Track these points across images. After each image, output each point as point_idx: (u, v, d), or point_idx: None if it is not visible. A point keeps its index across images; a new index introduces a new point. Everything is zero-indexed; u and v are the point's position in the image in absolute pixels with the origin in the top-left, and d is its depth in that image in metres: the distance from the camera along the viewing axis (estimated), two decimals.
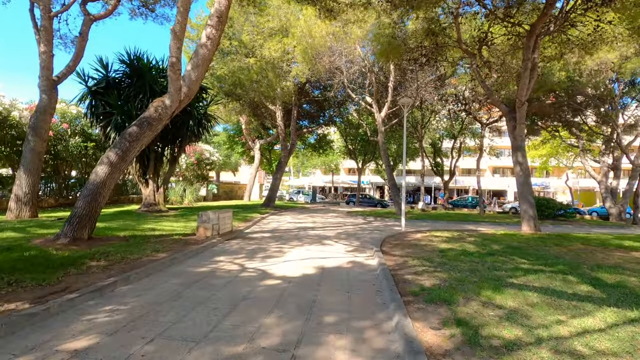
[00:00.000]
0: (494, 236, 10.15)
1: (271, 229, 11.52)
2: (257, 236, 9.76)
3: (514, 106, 12.45)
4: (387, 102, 20.04)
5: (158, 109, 7.69)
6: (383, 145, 20.19)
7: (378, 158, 39.13)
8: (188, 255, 6.57)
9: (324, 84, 25.32)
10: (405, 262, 6.40)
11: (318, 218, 16.82)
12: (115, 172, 7.19)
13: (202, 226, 8.53)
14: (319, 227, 12.70)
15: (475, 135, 31.35)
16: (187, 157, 27.23)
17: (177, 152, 17.14)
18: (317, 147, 35.35)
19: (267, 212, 18.36)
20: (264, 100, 20.12)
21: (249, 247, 7.84)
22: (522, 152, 11.86)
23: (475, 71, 12.77)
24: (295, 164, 58.77)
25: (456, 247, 8.03)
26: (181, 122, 16.02)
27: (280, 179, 22.37)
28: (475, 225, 15.88)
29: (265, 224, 13.20)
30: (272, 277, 5.30)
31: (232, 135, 36.81)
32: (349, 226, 13.35)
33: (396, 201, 19.67)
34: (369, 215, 18.71)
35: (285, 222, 14.42)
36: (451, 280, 5.05)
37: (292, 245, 8.35)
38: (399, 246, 8.20)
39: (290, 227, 12.25)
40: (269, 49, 16.92)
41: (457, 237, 9.65)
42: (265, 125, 30.13)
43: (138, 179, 16.39)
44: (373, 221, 16.06)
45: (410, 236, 10.01)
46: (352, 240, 9.50)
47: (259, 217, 14.98)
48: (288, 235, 10.16)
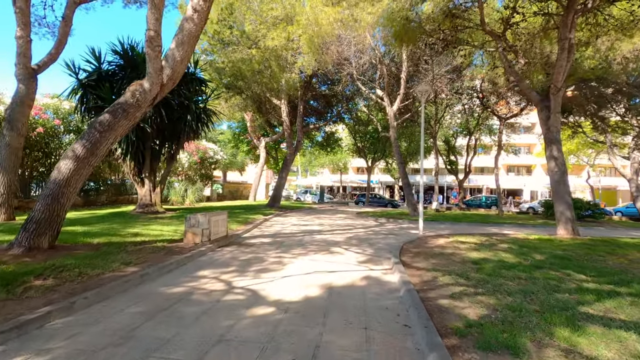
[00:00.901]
0: (529, 242, 8.76)
1: (273, 233, 10.30)
2: (255, 242, 8.54)
3: (546, 94, 11.01)
4: (399, 95, 18.67)
5: (135, 94, 6.52)
6: (395, 142, 18.83)
7: (388, 156, 37.70)
8: (166, 269, 5.37)
9: (331, 78, 24.07)
10: (434, 278, 5.10)
11: (325, 220, 15.56)
12: (83, 168, 6.02)
13: (190, 231, 7.34)
14: (327, 230, 11.44)
15: (492, 131, 29.73)
16: (189, 156, 26.25)
17: (175, 149, 16.05)
18: (325, 145, 34.08)
19: (271, 213, 17.16)
20: (268, 94, 18.93)
21: (243, 257, 6.61)
22: (558, 145, 10.42)
23: (501, 55, 11.35)
24: (302, 163, 57.60)
25: (490, 256, 6.69)
26: (178, 117, 14.93)
27: (285, 178, 21.18)
28: (499, 227, 14.43)
29: (267, 227, 11.99)
30: (263, 303, 4.05)
31: (238, 134, 35.76)
32: (359, 229, 12.06)
33: (410, 201, 18.31)
34: (381, 217, 17.38)
35: (290, 224, 13.19)
36: (503, 308, 3.75)
37: (294, 253, 7.10)
38: (421, 255, 6.89)
39: (294, 231, 11.01)
40: (272, 38, 15.71)
41: (486, 244, 8.29)
42: (271, 122, 28.98)
43: (133, 178, 15.34)
44: (386, 223, 14.73)
45: (431, 242, 8.68)
46: (364, 246, 8.22)
47: (261, 219, 13.78)
48: (291, 240, 8.92)
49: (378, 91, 19.58)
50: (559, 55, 9.93)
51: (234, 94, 17.77)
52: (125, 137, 13.96)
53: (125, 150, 14.26)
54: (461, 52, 13.34)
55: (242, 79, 15.73)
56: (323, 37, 16.44)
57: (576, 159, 38.24)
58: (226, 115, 25.17)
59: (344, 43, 17.42)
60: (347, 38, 17.18)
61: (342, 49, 17.93)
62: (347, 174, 57.84)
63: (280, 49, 14.69)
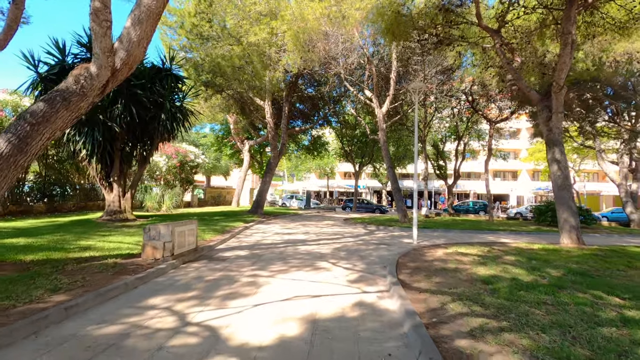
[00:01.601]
0: (535, 253, 7.93)
1: (251, 244, 9.19)
2: (229, 255, 7.42)
3: (545, 93, 10.33)
4: (388, 96, 17.88)
5: (80, 79, 5.38)
6: (384, 145, 18.00)
7: (376, 161, 36.99)
8: (106, 297, 4.23)
9: (318, 79, 23.27)
10: (442, 305, 4.12)
11: (311, 227, 14.51)
12: (6, 169, 4.83)
13: (150, 245, 6.19)
14: (312, 240, 10.39)
15: (480, 136, 29.38)
16: (168, 159, 24.84)
17: (148, 151, 14.77)
18: (312, 149, 33.14)
19: (253, 220, 16.01)
20: (251, 94, 17.86)
21: (210, 276, 5.51)
22: (560, 147, 9.71)
23: (499, 52, 10.64)
24: (289, 168, 56.47)
25: (500, 272, 5.79)
26: (151, 116, 13.72)
27: (269, 183, 20.06)
28: (495, 235, 13.68)
29: (247, 237, 10.86)
30: (223, 350, 2.98)
31: (221, 137, 34.42)
32: (348, 238, 11.06)
33: (400, 207, 17.46)
34: (370, 223, 16.44)
35: (272, 233, 12.09)
36: (544, 354, 2.79)
37: (273, 270, 6.03)
38: (421, 272, 5.93)
39: (276, 241, 9.93)
40: (254, 33, 14.70)
41: (491, 256, 7.41)
42: (255, 124, 27.88)
43: (100, 182, 13.98)
44: (376, 231, 13.80)
45: (429, 254, 7.74)
46: (354, 260, 7.21)
47: (241, 227, 12.64)
48: (271, 253, 7.84)
49: (367, 92, 18.78)
50: (562, 51, 9.24)
51: (214, 92, 16.61)
52: (91, 137, 12.68)
53: (90, 151, 12.93)
54: (456, 48, 12.62)
55: (221, 76, 14.62)
56: (309, 34, 15.53)
57: None
58: (206, 116, 23.96)
59: (331, 40, 16.56)
60: (335, 35, 16.32)
61: (330, 47, 17.06)
62: (334, 179, 57.03)
63: (264, 44, 13.68)
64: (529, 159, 41.50)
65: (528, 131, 50.53)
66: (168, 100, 13.78)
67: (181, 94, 14.91)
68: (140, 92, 13.08)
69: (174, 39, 17.72)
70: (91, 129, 12.62)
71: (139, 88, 13.14)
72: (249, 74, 13.45)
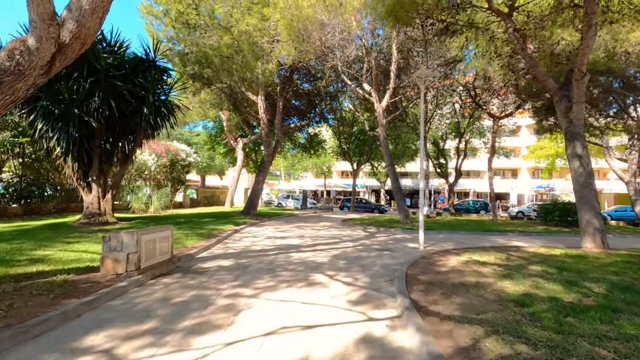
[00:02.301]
0: (561, 260, 6.95)
1: (238, 251, 8.15)
2: (210, 267, 6.39)
3: (564, 82, 9.37)
4: (388, 90, 16.89)
5: (14, 54, 4.31)
6: (384, 141, 17.01)
7: (374, 159, 36.00)
8: (29, 334, 3.19)
9: (314, 73, 22.25)
10: (475, 342, 3.12)
11: (307, 230, 13.49)
12: None
13: (110, 257, 5.15)
14: (307, 245, 9.37)
15: (482, 133, 28.47)
16: (158, 158, 23.74)
17: (131, 148, 13.70)
18: (308, 147, 32.07)
19: (245, 222, 14.98)
20: (243, 88, 16.79)
21: (179, 298, 4.47)
22: (582, 141, 8.75)
23: (512, 37, 9.65)
24: (285, 167, 55.39)
25: (531, 288, 4.80)
26: (133, 110, 12.66)
27: (263, 182, 19.02)
28: (504, 237, 12.74)
29: (235, 242, 9.82)
30: None
31: (214, 135, 33.30)
32: (347, 242, 10.05)
33: (401, 207, 16.48)
34: (370, 225, 15.44)
35: (264, 237, 11.06)
36: None
37: (258, 287, 5.01)
38: (436, 288, 4.93)
39: (267, 247, 8.90)
40: (246, 22, 13.64)
41: (511, 264, 6.43)
42: (249, 122, 26.80)
43: (77, 182, 12.90)
44: (376, 233, 12.80)
45: (441, 262, 6.75)
46: (355, 271, 6.20)
47: (230, 230, 11.60)
48: (259, 263, 6.81)
49: (365, 86, 17.77)
50: (585, 34, 8.28)
51: (202, 85, 15.50)
52: (65, 133, 11.59)
53: (65, 148, 11.85)
54: (464, 34, 11.63)
55: (209, 67, 13.54)
56: (304, 22, 14.49)
57: (564, 162, 37.65)
58: (197, 113, 22.84)
59: (328, 30, 15.53)
60: (331, 24, 15.30)
61: (326, 37, 16.04)
62: (332, 178, 56.02)
63: (254, 32, 12.61)
64: (530, 157, 40.67)
65: (528, 129, 49.80)
66: (151, 93, 12.72)
67: (167, 87, 13.86)
68: (120, 84, 12.01)
69: (160, 29, 16.59)
70: (65, 124, 11.52)
71: (119, 79, 12.08)
72: (238, 64, 12.40)
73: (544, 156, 36.48)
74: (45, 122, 11.52)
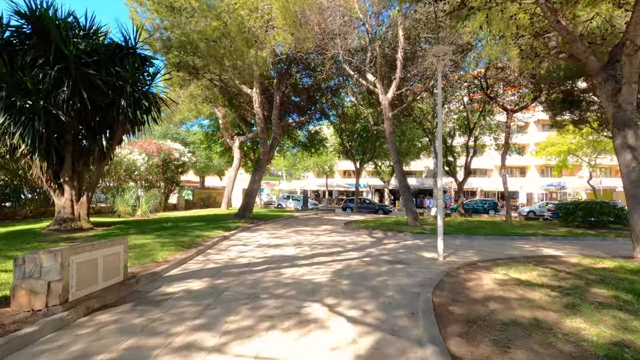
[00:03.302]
0: (627, 279, 5.46)
1: (219, 266, 6.70)
2: (174, 291, 4.94)
3: (609, 59, 7.87)
4: (395, 80, 15.40)
5: None
6: (390, 136, 15.52)
7: (377, 158, 34.51)
8: None
9: (313, 65, 20.83)
10: None
11: (306, 235, 12.03)
12: None
13: (25, 287, 3.72)
14: (304, 256, 7.92)
15: (492, 128, 26.90)
16: (149, 157, 22.36)
17: (109, 145, 12.30)
18: (309, 146, 30.59)
19: (238, 226, 13.55)
20: (235, 79, 15.34)
21: (105, 355, 3.03)
22: (634, 129, 7.24)
23: (544, 9, 8.16)
24: (286, 167, 53.97)
25: (616, 330, 3.33)
26: (109, 102, 11.26)
27: (259, 182, 17.59)
28: (529, 242, 11.26)
29: (219, 252, 8.37)
30: None
31: (211, 133, 31.89)
32: (351, 252, 8.59)
33: (409, 208, 15.00)
34: (376, 228, 13.95)
35: (255, 244, 9.60)
36: None
37: (226, 332, 3.54)
38: (482, 331, 3.45)
39: (255, 259, 7.45)
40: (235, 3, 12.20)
41: (565, 287, 4.94)
42: (247, 119, 25.38)
43: (47, 184, 11.51)
44: (384, 239, 11.32)
45: (473, 283, 5.27)
46: (364, 299, 4.72)
47: (218, 237, 10.17)
48: (239, 285, 5.36)
49: (369, 77, 16.29)
50: None
51: (188, 75, 14.02)
52: (31, 128, 10.18)
53: (31, 145, 10.43)
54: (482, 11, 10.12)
55: (194, 53, 12.09)
56: (301, 5, 13.05)
57: (576, 159, 35.97)
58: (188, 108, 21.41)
59: (328, 14, 14.09)
60: (331, 7, 13.86)
61: (326, 23, 14.61)
62: (333, 178, 54.58)
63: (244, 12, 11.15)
64: (540, 154, 38.93)
65: (537, 125, 48.10)
66: (130, 83, 11.29)
67: (149, 78, 12.45)
68: (93, 72, 10.62)
69: (145, 17, 15.18)
70: (30, 118, 10.12)
71: (92, 68, 10.68)
72: (226, 49, 10.95)
73: (555, 153, 34.81)
74: (6, 115, 10.13)
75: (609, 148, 33.64)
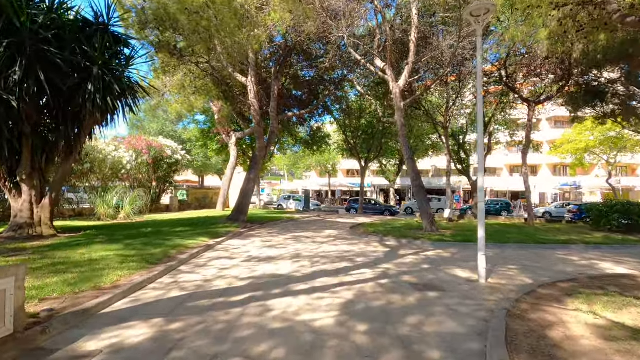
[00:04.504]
0: None
1: (184, 297, 4.89)
2: (93, 350, 3.16)
3: None
4: (407, 65, 13.56)
5: None
6: (402, 128, 13.70)
7: (383, 156, 32.65)
8: None
9: (315, 56, 19.07)
10: None
11: (307, 243, 10.22)
12: None
13: None
14: (303, 277, 6.12)
15: (507, 124, 24.99)
16: (137, 154, 20.65)
17: (76, 137, 10.54)
18: (311, 143, 28.76)
19: (230, 231, 11.79)
20: (228, 66, 13.57)
21: None
22: None
23: None
24: (287, 165, 52.19)
25: None
26: (73, 86, 9.50)
27: (254, 181, 15.82)
28: (573, 252, 9.40)
29: (193, 270, 6.57)
30: None
31: (207, 130, 30.16)
32: (363, 271, 6.78)
33: (425, 211, 13.16)
34: (387, 234, 12.12)
35: (243, 258, 7.81)
36: None
37: None
38: None
39: (236, 282, 5.66)
40: None
41: None
42: (244, 114, 23.62)
43: (2, 183, 9.79)
44: (400, 249, 9.50)
45: (559, 334, 3.44)
46: None
47: (199, 247, 8.39)
48: (200, 336, 3.57)
49: (378, 62, 14.44)
50: None
51: (168, 55, 12.21)
52: None
53: None
54: None
55: (173, 28, 10.31)
56: None
57: (593, 157, 33.94)
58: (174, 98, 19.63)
59: None
60: None
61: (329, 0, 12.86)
62: (336, 177, 52.74)
63: None
64: (555, 152, 36.82)
65: (549, 122, 46.03)
66: (99, 65, 9.55)
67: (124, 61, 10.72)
68: (54, 50, 8.89)
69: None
70: None
71: (53, 45, 8.96)
72: (211, 22, 9.16)
73: (572, 150, 32.78)
74: None
75: (630, 145, 31.75)
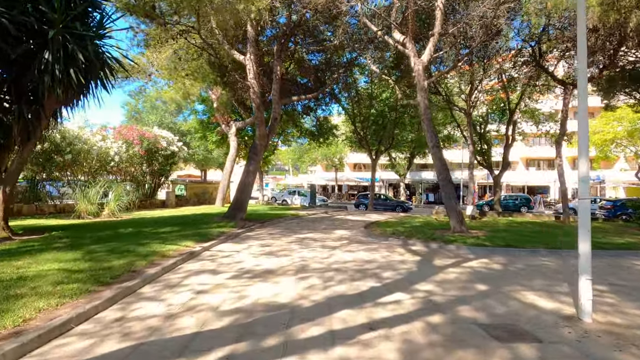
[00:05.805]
0: None
1: (120, 356, 3.03)
2: None
3: None
4: (432, 37, 11.50)
5: None
6: (427, 111, 11.66)
7: (394, 149, 30.60)
8: None
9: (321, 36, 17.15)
10: None
11: (315, 250, 8.31)
12: None
13: None
14: (312, 308, 4.21)
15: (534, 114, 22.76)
16: (127, 145, 18.86)
17: (35, 119, 8.67)
18: (317, 135, 26.77)
19: (223, 232, 9.92)
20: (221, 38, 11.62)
21: None
22: None
23: None
24: (292, 159, 50.28)
25: None
26: (24, 53, 7.64)
27: (254, 173, 13.91)
28: None
29: (155, 297, 4.67)
30: None
31: (206, 121, 28.29)
32: (398, 297, 4.85)
33: (453, 209, 11.15)
34: (409, 236, 10.18)
35: (230, 274, 5.91)
36: None
37: None
38: None
39: (214, 320, 3.76)
40: None
41: None
42: (245, 101, 21.71)
43: None
44: (432, 256, 7.55)
45: None
46: None
47: (178, 256, 6.52)
48: None
49: (396, 35, 12.39)
50: None
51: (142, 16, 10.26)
52: None
53: None
54: None
55: None
56: None
57: (621, 148, 31.50)
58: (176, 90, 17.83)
59: None
60: None
61: None
62: (343, 171, 50.67)
63: None
64: (575, 144, 34.47)
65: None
66: (59, 28, 7.66)
67: (93, 24, 8.83)
68: None
69: None
70: None
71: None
72: None
73: (599, 142, 30.40)
74: None
75: None
